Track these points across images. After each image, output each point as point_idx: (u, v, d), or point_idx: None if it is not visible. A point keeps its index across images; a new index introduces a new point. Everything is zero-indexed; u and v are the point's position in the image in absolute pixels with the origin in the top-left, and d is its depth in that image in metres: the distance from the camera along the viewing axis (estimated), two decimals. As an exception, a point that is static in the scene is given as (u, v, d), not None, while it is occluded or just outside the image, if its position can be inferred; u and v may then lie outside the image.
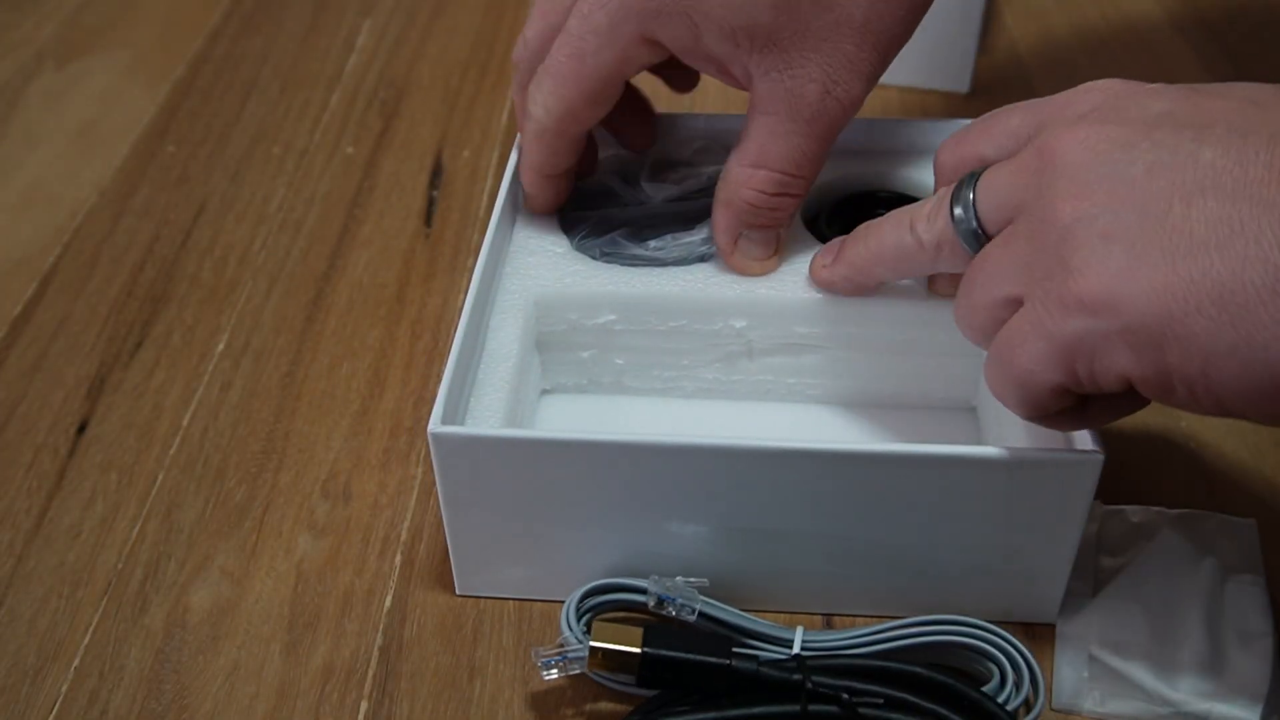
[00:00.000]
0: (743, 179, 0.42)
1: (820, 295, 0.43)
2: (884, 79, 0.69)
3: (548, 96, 0.42)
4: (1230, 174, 0.30)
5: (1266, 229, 0.29)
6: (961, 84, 0.67)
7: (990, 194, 0.35)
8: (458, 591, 0.42)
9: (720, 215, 0.43)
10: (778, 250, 0.44)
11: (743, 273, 0.44)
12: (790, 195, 0.42)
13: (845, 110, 0.41)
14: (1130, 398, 0.34)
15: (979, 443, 0.44)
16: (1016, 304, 0.33)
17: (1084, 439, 0.37)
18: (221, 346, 0.52)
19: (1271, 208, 0.29)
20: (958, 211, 0.36)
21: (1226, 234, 0.29)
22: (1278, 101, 0.31)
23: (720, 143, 0.49)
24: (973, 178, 0.36)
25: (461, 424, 0.39)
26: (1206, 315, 0.29)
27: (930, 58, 0.66)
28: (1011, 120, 0.37)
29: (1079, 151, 0.32)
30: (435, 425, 0.37)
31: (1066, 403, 0.34)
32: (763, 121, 0.41)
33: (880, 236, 0.40)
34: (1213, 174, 0.30)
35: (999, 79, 0.67)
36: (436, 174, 0.63)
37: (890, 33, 0.40)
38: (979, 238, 0.35)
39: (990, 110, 0.38)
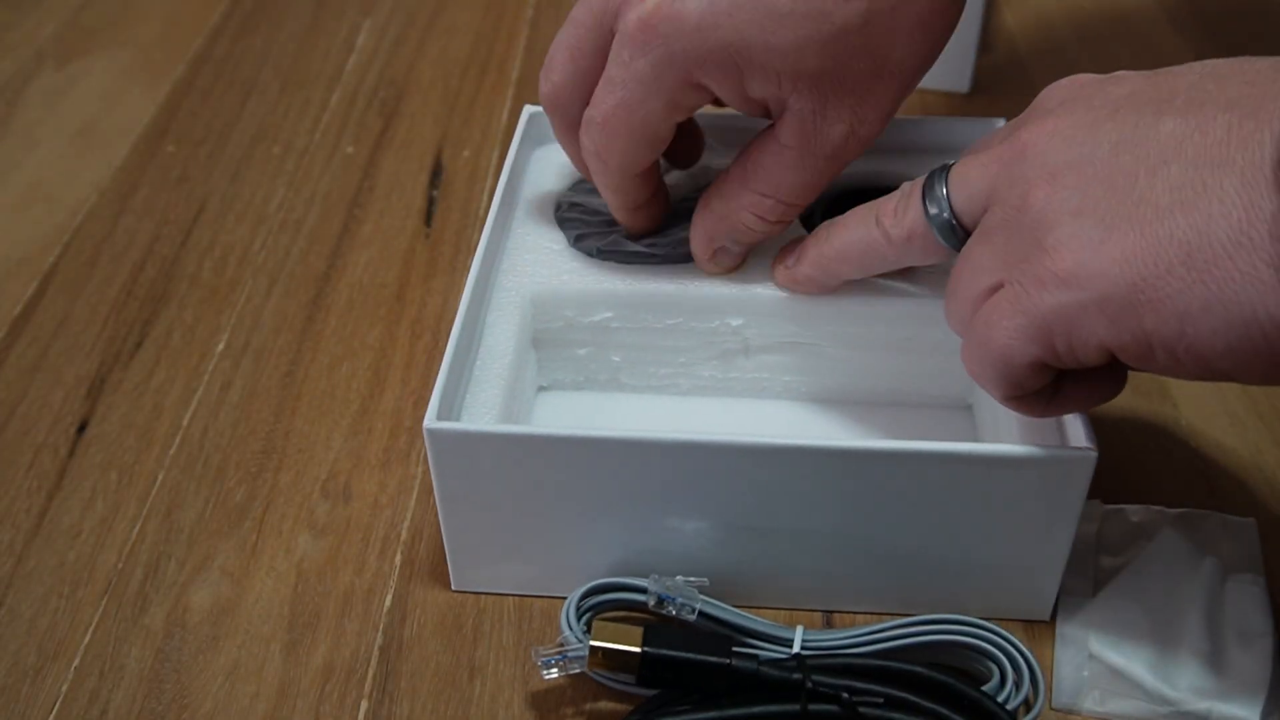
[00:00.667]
0: (747, 203, 0.41)
1: (816, 294, 0.43)
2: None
3: (602, 149, 0.41)
4: (1191, 140, 0.30)
5: (1229, 187, 0.29)
6: (961, 84, 0.67)
7: (963, 185, 0.36)
8: (453, 587, 0.42)
9: (707, 223, 0.43)
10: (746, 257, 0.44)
11: (710, 274, 0.44)
12: (785, 222, 0.42)
13: (863, 147, 0.41)
14: (1106, 377, 0.34)
15: (975, 440, 0.45)
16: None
17: (1078, 436, 0.37)
18: (221, 346, 0.52)
19: (1231, 166, 0.29)
20: (931, 203, 0.36)
21: (1191, 196, 0.30)
22: (1236, 73, 0.31)
23: (720, 141, 0.49)
24: (943, 170, 0.37)
25: (457, 420, 0.40)
26: (1177, 276, 0.30)
27: (930, 57, 0.66)
28: (993, 141, 0.38)
29: (1048, 141, 0.33)
30: (431, 421, 0.37)
31: (1044, 379, 0.34)
32: (782, 154, 0.40)
33: (845, 234, 0.40)
34: (1174, 142, 0.31)
35: (999, 79, 0.67)
36: (436, 174, 0.63)
37: (917, 75, 0.40)
38: (954, 229, 0.36)
39: (990, 110, 0.38)
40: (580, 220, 0.46)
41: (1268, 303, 0.29)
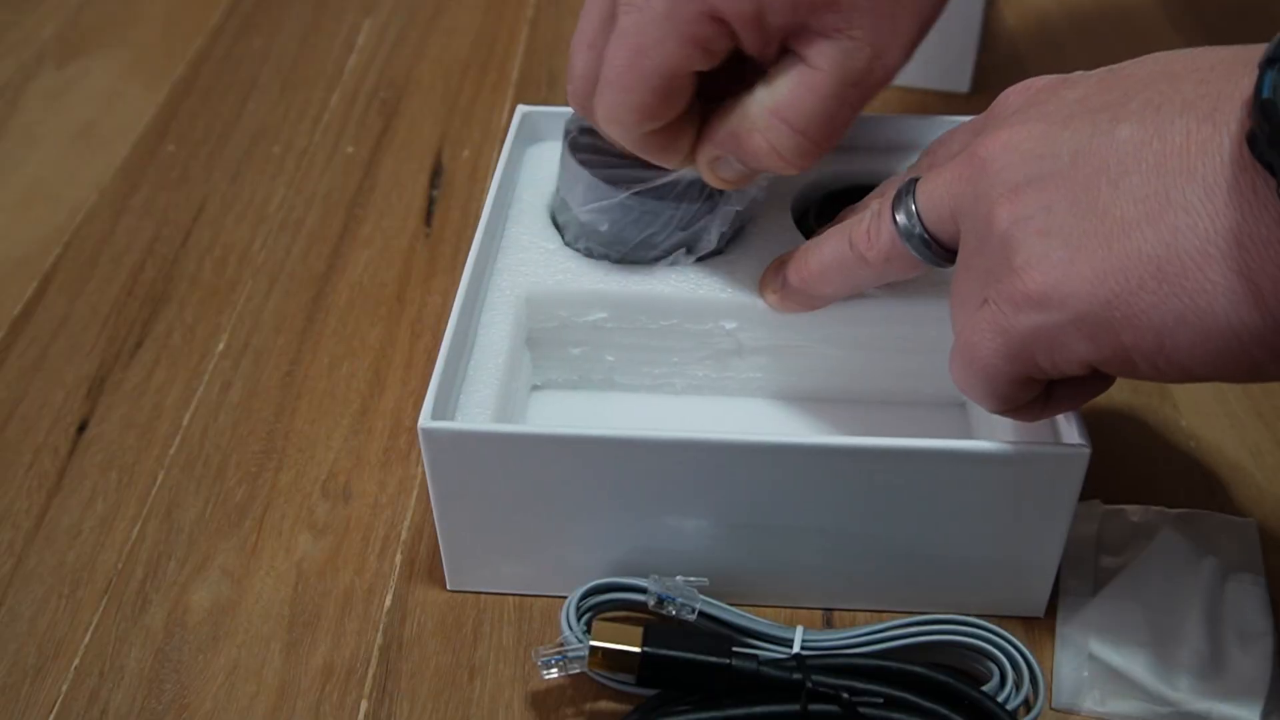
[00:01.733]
0: (762, 124, 0.39)
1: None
2: (884, 79, 0.67)
3: (616, 109, 0.39)
4: (1150, 147, 0.30)
5: (1192, 197, 0.29)
6: (961, 84, 0.67)
7: (930, 201, 0.36)
8: (449, 586, 0.42)
9: (718, 134, 0.40)
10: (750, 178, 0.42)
11: (710, 182, 0.42)
12: (800, 160, 0.40)
13: (885, 80, 0.39)
14: (1095, 380, 0.34)
15: (968, 438, 0.45)
16: None
17: (1071, 433, 0.37)
18: (221, 346, 0.52)
19: (1193, 175, 0.29)
20: (902, 221, 0.36)
21: (1155, 208, 0.30)
22: (1190, 70, 0.31)
23: None
24: (911, 185, 0.37)
25: (452, 419, 0.40)
26: (1149, 290, 0.30)
27: (930, 58, 0.66)
28: (953, 146, 0.38)
29: (1005, 154, 0.33)
30: (425, 420, 0.37)
31: (1032, 391, 0.35)
32: (805, 72, 0.38)
33: (822, 257, 0.40)
34: (1133, 150, 0.30)
35: (999, 79, 0.67)
36: (436, 174, 0.63)
37: (934, 5, 0.40)
38: (928, 243, 0.36)
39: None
40: (591, 148, 0.44)
41: (1240, 312, 0.29)
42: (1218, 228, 0.29)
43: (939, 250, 0.36)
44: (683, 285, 0.44)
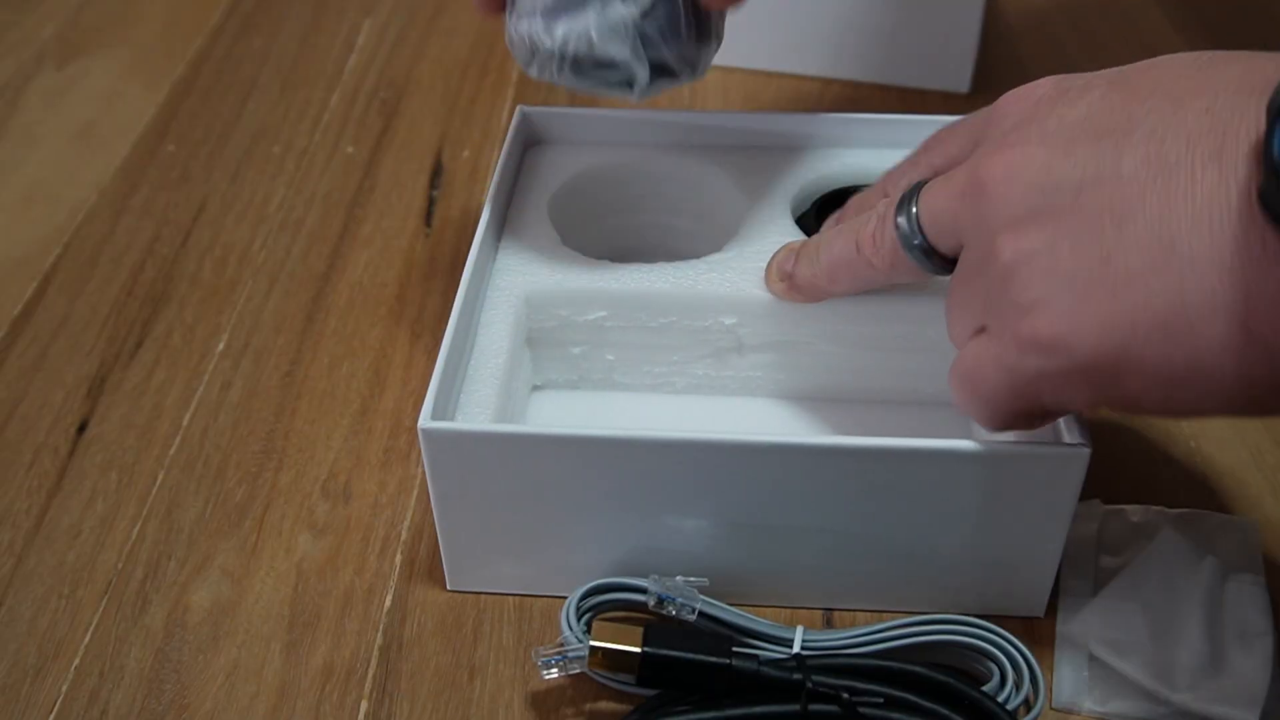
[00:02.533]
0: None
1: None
2: (884, 79, 0.69)
3: None
4: (1153, 188, 0.29)
5: (1198, 247, 0.28)
6: (961, 84, 0.67)
7: (931, 215, 0.36)
8: (449, 587, 0.42)
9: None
10: None
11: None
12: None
13: None
14: None
15: (968, 437, 0.44)
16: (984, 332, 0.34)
17: (1071, 433, 0.37)
18: (221, 346, 0.52)
19: (1198, 224, 0.28)
20: (902, 225, 0.36)
21: (1160, 257, 0.29)
22: (1193, 91, 0.30)
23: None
24: (914, 192, 0.36)
25: (452, 419, 0.40)
26: (1155, 343, 0.29)
27: (930, 58, 0.66)
28: (950, 147, 0.38)
29: (1006, 182, 0.32)
30: (425, 420, 0.37)
31: (1034, 416, 0.35)
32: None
33: (830, 256, 0.40)
34: (1137, 190, 0.29)
35: (999, 79, 0.67)
36: (436, 174, 0.63)
37: None
38: (928, 253, 0.36)
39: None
40: None
41: (1249, 366, 0.28)
42: (1225, 283, 0.28)
43: (939, 261, 0.36)
44: (682, 282, 0.44)
